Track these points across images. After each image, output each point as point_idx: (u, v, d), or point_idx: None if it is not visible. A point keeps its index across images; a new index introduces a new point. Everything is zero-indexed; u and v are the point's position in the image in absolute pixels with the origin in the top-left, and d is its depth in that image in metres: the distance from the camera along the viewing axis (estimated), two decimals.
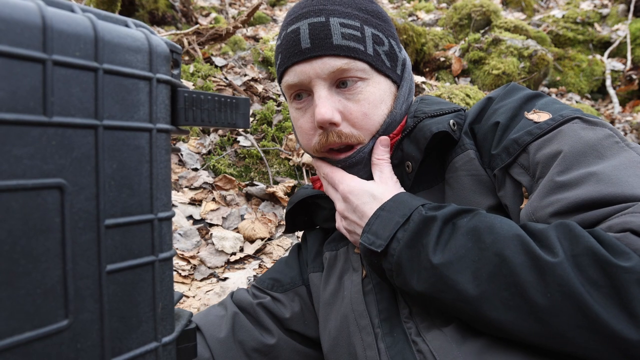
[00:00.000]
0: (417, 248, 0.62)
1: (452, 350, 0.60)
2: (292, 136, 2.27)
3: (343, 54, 0.75)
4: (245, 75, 2.64)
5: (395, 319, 0.71)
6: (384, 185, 0.76)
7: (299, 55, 0.76)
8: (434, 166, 0.82)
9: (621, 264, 0.49)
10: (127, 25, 0.38)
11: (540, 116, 0.71)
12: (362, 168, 0.81)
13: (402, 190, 0.77)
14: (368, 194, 0.74)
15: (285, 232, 1.07)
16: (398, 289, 0.69)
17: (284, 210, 1.05)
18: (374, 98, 0.78)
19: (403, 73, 0.85)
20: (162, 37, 0.39)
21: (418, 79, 3.38)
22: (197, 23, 3.95)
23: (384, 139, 0.79)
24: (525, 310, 0.53)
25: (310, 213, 1.00)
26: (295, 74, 0.78)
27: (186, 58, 2.67)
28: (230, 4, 4.90)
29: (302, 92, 0.81)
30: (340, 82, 0.77)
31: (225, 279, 1.57)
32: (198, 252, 1.67)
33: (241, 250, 1.75)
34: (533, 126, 0.69)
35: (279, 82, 0.85)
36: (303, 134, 0.83)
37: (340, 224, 0.81)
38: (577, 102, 4.05)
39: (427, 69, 3.80)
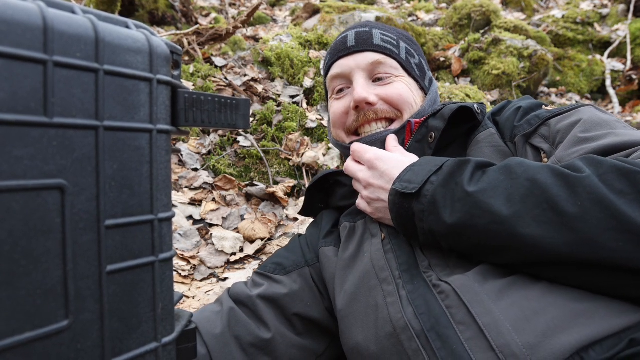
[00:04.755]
0: (451, 186, 0.67)
1: (474, 288, 0.62)
2: (292, 136, 2.27)
3: (380, 50, 0.95)
4: (245, 75, 2.64)
5: (415, 270, 0.74)
6: (408, 158, 0.82)
7: (345, 51, 0.96)
8: (459, 150, 0.91)
9: None
10: (127, 27, 0.38)
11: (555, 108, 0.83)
12: (382, 146, 0.90)
13: None
14: (395, 160, 0.80)
15: (300, 212, 1.13)
16: (422, 238, 0.72)
17: (305, 188, 1.13)
18: (406, 90, 0.95)
19: (430, 87, 1.02)
20: (162, 38, 0.40)
21: None
22: (197, 23, 3.95)
23: (392, 136, 0.91)
24: (557, 221, 0.56)
25: (329, 195, 1.10)
26: (339, 66, 0.97)
27: (186, 58, 2.67)
28: (230, 4, 4.90)
29: (345, 88, 0.98)
30: (376, 78, 0.95)
31: (225, 279, 1.57)
32: (198, 252, 1.67)
33: (241, 250, 1.75)
34: (552, 109, 0.81)
35: (325, 78, 1.04)
36: (337, 117, 0.98)
37: (361, 197, 0.87)
38: (577, 102, 4.05)
39: None
